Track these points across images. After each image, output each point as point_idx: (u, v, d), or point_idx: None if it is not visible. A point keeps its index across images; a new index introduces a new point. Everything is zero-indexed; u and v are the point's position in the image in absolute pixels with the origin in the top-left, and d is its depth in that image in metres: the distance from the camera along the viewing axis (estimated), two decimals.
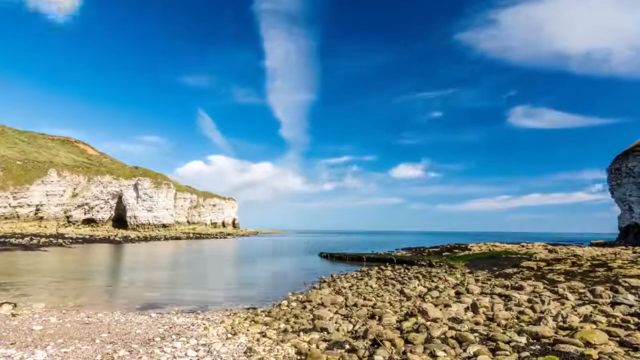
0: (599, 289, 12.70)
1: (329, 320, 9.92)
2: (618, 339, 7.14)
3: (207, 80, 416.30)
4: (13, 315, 10.18)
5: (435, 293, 13.63)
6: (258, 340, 8.13)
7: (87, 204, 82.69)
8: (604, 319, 8.76)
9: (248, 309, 12.36)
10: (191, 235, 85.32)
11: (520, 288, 13.96)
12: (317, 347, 7.50)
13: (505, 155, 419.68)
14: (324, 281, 19.30)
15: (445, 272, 22.27)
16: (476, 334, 7.73)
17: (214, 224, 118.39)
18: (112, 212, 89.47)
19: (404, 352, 6.80)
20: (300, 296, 14.51)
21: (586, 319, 8.79)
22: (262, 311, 11.68)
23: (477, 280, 17.52)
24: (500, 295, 12.63)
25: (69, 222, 78.61)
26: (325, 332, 8.60)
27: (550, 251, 35.02)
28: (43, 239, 49.63)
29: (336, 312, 10.99)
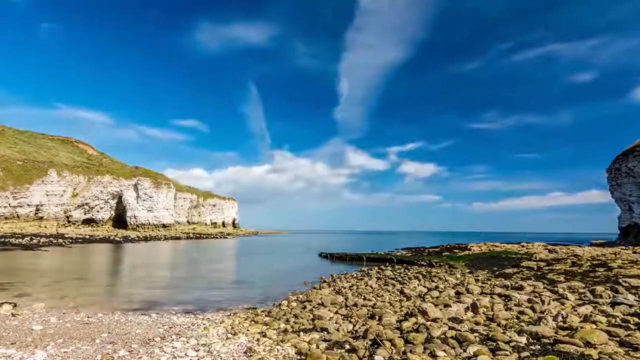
0: (599, 289, 12.70)
1: (329, 320, 9.92)
2: (618, 339, 7.13)
3: (262, 35, 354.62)
4: (13, 315, 10.18)
5: (435, 293, 13.62)
6: (258, 340, 8.13)
7: (87, 204, 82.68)
8: (604, 319, 8.76)
9: (248, 309, 12.36)
10: (191, 235, 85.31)
11: (520, 288, 13.96)
12: (317, 347, 7.50)
13: None
14: (324, 281, 19.30)
15: (445, 272, 22.26)
16: (476, 334, 7.72)
17: (214, 224, 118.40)
18: (112, 212, 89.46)
19: (404, 352, 6.80)
20: (300, 296, 14.50)
21: (586, 319, 8.79)
22: (262, 311, 11.68)
23: (477, 280, 17.52)
24: (500, 295, 12.62)
25: (69, 222, 78.60)
26: (325, 332, 8.60)
27: (550, 251, 35.02)
28: (43, 239, 49.63)
29: (336, 312, 10.99)
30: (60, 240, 50.15)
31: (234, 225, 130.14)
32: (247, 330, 9.08)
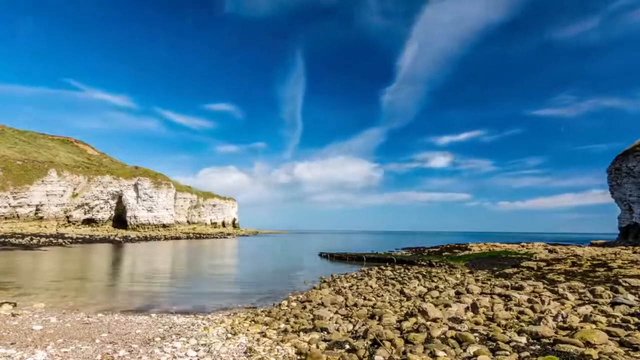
0: (599, 289, 12.70)
1: (329, 320, 9.92)
2: (618, 339, 7.14)
3: None
4: (13, 315, 10.18)
5: (435, 293, 13.62)
6: (258, 340, 8.13)
7: (87, 204, 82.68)
8: (604, 319, 8.76)
9: (248, 308, 12.36)
10: (191, 235, 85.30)
11: (520, 288, 13.96)
12: (317, 347, 7.50)
13: None
14: (324, 281, 19.30)
15: (445, 272, 22.26)
16: (476, 334, 7.72)
17: (214, 224, 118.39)
18: (112, 212, 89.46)
19: (404, 352, 6.80)
20: (300, 296, 14.50)
21: (586, 319, 8.79)
22: (262, 311, 11.68)
23: (477, 280, 17.52)
24: (500, 295, 12.62)
25: (69, 222, 78.60)
26: (325, 332, 8.60)
27: (550, 251, 35.01)
28: (43, 239, 49.63)
29: (336, 312, 10.99)
30: (60, 240, 50.14)
31: (234, 225, 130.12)
32: (247, 330, 9.08)
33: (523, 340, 7.29)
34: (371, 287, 16.29)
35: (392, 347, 7.13)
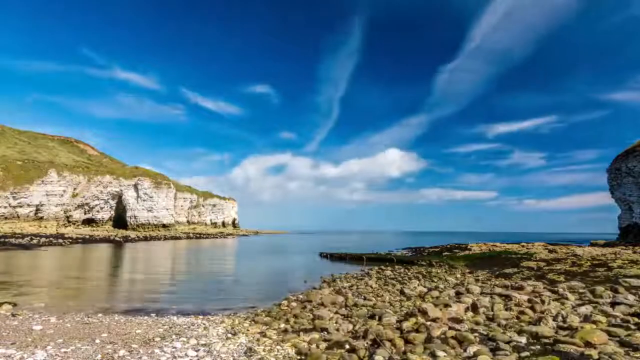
0: (599, 289, 12.70)
1: (329, 320, 9.92)
2: (618, 339, 7.13)
3: None
4: (13, 315, 10.18)
5: (435, 293, 13.62)
6: (258, 340, 8.13)
7: (87, 204, 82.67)
8: (604, 319, 8.76)
9: (248, 308, 12.36)
10: (191, 235, 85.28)
11: (520, 288, 13.96)
12: (317, 347, 7.49)
13: None
14: (324, 281, 19.29)
15: (445, 272, 22.26)
16: (476, 334, 7.72)
17: (214, 224, 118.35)
18: (112, 212, 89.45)
19: (404, 352, 6.80)
20: (300, 296, 14.50)
21: (586, 319, 8.79)
22: (262, 311, 11.67)
23: (477, 280, 17.52)
24: (500, 295, 12.62)
25: (69, 222, 78.59)
26: (325, 332, 8.60)
27: (550, 251, 35.00)
28: (43, 239, 49.61)
29: (336, 312, 10.99)
30: (60, 240, 50.13)
31: (234, 225, 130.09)
32: (247, 330, 9.07)
33: (523, 340, 7.29)
34: (371, 287, 16.29)
35: (392, 347, 7.13)
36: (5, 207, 64.48)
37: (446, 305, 10.63)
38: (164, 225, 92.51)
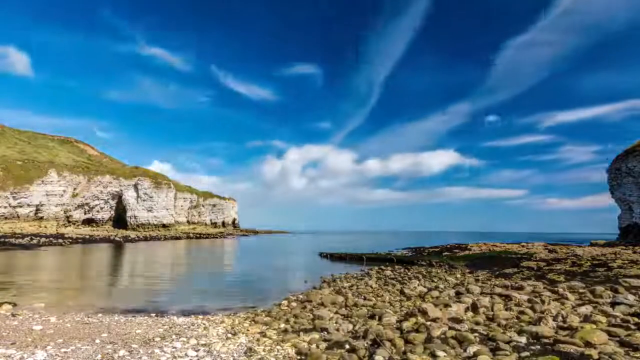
0: (599, 289, 12.70)
1: (329, 320, 9.92)
2: (618, 339, 7.13)
3: None
4: (13, 315, 10.18)
5: (435, 293, 13.62)
6: (258, 340, 8.13)
7: (87, 204, 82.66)
8: (604, 319, 8.76)
9: (248, 308, 12.35)
10: (191, 235, 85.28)
11: (520, 288, 13.96)
12: (317, 347, 7.49)
13: None
14: (324, 281, 19.29)
15: (445, 272, 22.26)
16: (476, 334, 7.72)
17: (214, 224, 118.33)
18: (112, 212, 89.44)
19: (404, 352, 6.80)
20: (300, 296, 14.49)
21: (586, 319, 8.79)
22: (262, 311, 11.67)
23: (477, 280, 17.51)
24: (500, 295, 12.62)
25: (69, 222, 78.57)
26: (325, 332, 8.59)
27: (550, 251, 35.00)
28: (43, 239, 49.61)
29: (336, 312, 10.99)
30: (60, 240, 50.13)
31: (234, 225, 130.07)
32: (247, 330, 9.07)
33: (523, 340, 7.29)
34: (371, 287, 16.28)
35: (392, 347, 7.13)
36: (5, 207, 64.47)
37: (446, 305, 10.63)
38: (164, 225, 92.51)
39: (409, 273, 21.68)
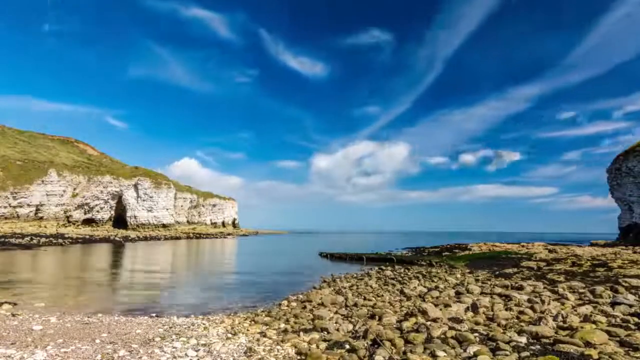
0: (599, 289, 12.70)
1: (329, 320, 9.92)
2: (618, 339, 7.13)
3: None
4: (13, 315, 10.18)
5: (435, 293, 13.62)
6: (258, 340, 8.13)
7: (87, 204, 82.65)
8: (604, 319, 8.76)
9: (248, 308, 12.36)
10: (191, 235, 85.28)
11: (520, 288, 13.96)
12: (317, 347, 7.49)
13: None
14: (324, 281, 19.29)
15: (445, 272, 22.26)
16: (476, 334, 7.72)
17: (214, 224, 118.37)
18: (112, 212, 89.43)
19: (404, 352, 6.80)
20: (300, 296, 14.50)
21: (586, 319, 8.79)
22: (262, 311, 11.68)
23: (477, 280, 17.51)
24: (500, 295, 12.62)
25: (69, 222, 78.56)
26: (325, 332, 8.59)
27: (550, 251, 35.00)
28: (43, 239, 49.60)
29: (336, 312, 10.99)
30: (60, 240, 50.12)
31: (234, 225, 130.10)
32: (247, 330, 9.08)
33: (523, 340, 7.29)
34: (371, 287, 16.28)
35: (392, 347, 7.13)
36: (5, 207, 64.46)
37: (446, 305, 10.63)
38: (164, 225, 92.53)
39: (409, 273, 21.68)
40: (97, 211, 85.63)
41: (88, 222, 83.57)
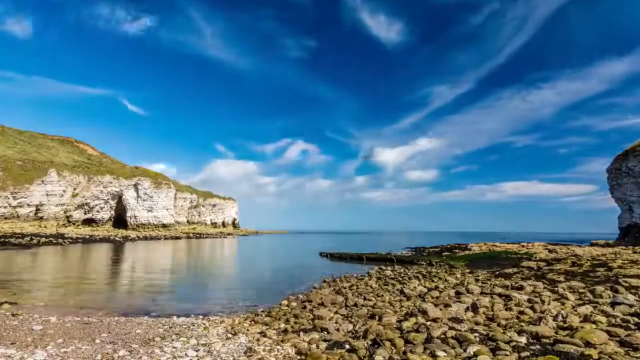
0: (599, 289, 12.70)
1: (329, 320, 9.92)
2: (618, 338, 7.13)
3: None
4: (13, 315, 10.18)
5: (435, 293, 13.62)
6: (258, 340, 8.13)
7: (87, 204, 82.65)
8: (604, 319, 8.76)
9: (248, 308, 12.36)
10: (191, 235, 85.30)
11: (520, 288, 13.96)
12: (317, 347, 7.49)
13: None
14: (324, 281, 19.29)
15: (445, 272, 22.26)
16: (476, 334, 7.72)
17: (214, 224, 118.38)
18: (112, 212, 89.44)
19: (404, 352, 6.80)
20: (300, 296, 14.50)
21: (586, 319, 8.79)
22: (262, 311, 11.68)
23: (477, 280, 17.51)
24: (500, 295, 12.62)
25: (69, 222, 78.56)
26: (326, 332, 8.59)
27: (550, 251, 35.00)
28: (43, 239, 49.60)
29: (336, 312, 10.99)
30: (60, 240, 50.13)
31: (234, 225, 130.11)
32: (247, 330, 9.08)
33: (523, 340, 7.29)
34: (371, 287, 16.28)
35: (392, 347, 7.12)
36: (5, 207, 64.46)
37: (446, 305, 10.63)
38: (164, 225, 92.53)
39: (409, 273, 21.68)
40: (97, 211, 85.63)
41: (88, 222, 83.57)
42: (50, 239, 51.37)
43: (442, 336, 7.60)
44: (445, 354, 6.60)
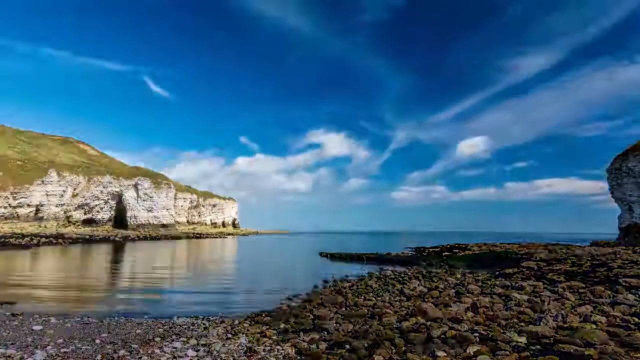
0: (599, 289, 12.70)
1: (329, 320, 9.91)
2: (618, 338, 7.13)
3: None
4: (13, 315, 10.18)
5: (435, 293, 13.62)
6: (258, 340, 8.12)
7: (87, 204, 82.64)
8: (604, 319, 8.75)
9: (248, 308, 12.35)
10: (191, 235, 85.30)
11: (520, 288, 13.95)
12: (317, 347, 7.49)
13: None
14: (324, 281, 19.29)
15: (445, 272, 22.25)
16: (476, 334, 7.72)
17: (214, 224, 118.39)
18: (112, 212, 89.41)
19: (404, 352, 6.79)
20: (301, 296, 14.50)
21: (586, 319, 8.79)
22: (262, 311, 11.67)
23: (477, 280, 17.50)
24: (500, 295, 12.62)
25: (69, 222, 78.54)
26: (326, 332, 8.59)
27: (550, 251, 34.97)
28: (43, 239, 49.59)
29: (336, 312, 10.98)
30: (60, 241, 50.12)
31: (234, 225, 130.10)
32: (247, 330, 9.07)
33: (523, 340, 7.29)
34: (371, 287, 16.28)
35: (392, 347, 7.12)
36: (5, 207, 64.45)
37: (446, 305, 10.63)
38: (163, 225, 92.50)
39: (409, 273, 21.67)
40: (97, 211, 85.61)
41: (88, 222, 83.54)
42: (50, 239, 51.36)
43: (442, 336, 7.60)
44: (445, 354, 6.60)
